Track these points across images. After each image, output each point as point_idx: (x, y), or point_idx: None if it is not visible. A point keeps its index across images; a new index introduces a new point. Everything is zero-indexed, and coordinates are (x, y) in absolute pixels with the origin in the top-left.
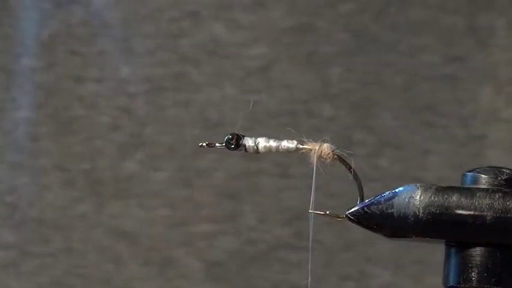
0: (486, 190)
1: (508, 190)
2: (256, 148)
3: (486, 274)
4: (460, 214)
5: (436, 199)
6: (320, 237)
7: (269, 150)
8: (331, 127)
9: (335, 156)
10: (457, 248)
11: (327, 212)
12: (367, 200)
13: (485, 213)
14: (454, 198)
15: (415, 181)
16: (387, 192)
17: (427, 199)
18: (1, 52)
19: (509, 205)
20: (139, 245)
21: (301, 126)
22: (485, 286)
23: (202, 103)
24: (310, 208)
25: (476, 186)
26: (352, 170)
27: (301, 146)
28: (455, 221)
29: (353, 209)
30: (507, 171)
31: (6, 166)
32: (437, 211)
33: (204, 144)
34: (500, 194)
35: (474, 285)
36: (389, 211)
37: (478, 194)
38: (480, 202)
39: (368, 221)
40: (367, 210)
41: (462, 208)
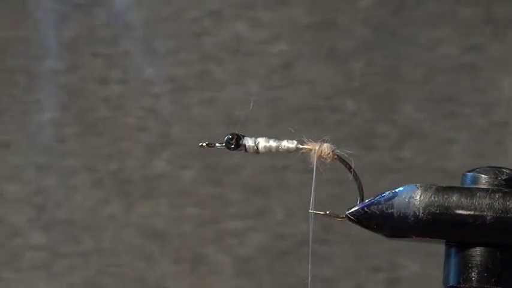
0: (486, 190)
1: (508, 190)
2: (256, 148)
3: (486, 274)
4: (460, 214)
5: (436, 199)
6: (348, 230)
7: (269, 150)
8: (354, 121)
9: (335, 156)
10: (457, 248)
11: (327, 212)
12: (367, 200)
13: (485, 213)
14: (454, 198)
15: (439, 171)
16: (387, 192)
17: (427, 199)
18: (21, 54)
19: (509, 205)
20: (170, 244)
21: (324, 121)
22: (485, 286)
23: (226, 101)
24: (310, 208)
25: (476, 186)
26: (352, 170)
27: (301, 146)
28: (455, 221)
29: (353, 209)
30: (507, 171)
31: (33, 168)
32: (437, 211)
33: (204, 144)
34: (500, 194)
35: (474, 285)
36: (389, 211)
37: (478, 194)
38: (480, 202)
39: (368, 221)
40: (367, 210)
41: (462, 208)
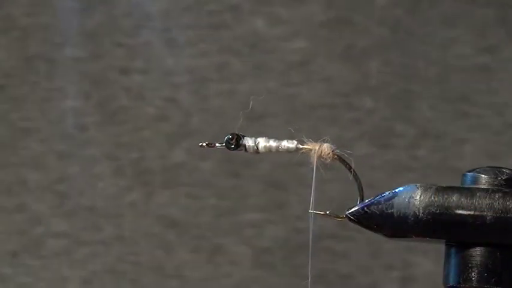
0: (486, 190)
1: (508, 190)
2: (256, 148)
3: (486, 274)
4: (460, 214)
5: (436, 199)
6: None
7: (269, 150)
8: (370, 119)
9: (335, 156)
10: (457, 248)
11: (327, 212)
12: (367, 200)
13: (485, 213)
14: (454, 198)
15: (453, 171)
16: (387, 192)
17: (427, 199)
18: (42, 42)
19: (509, 205)
20: (188, 233)
21: (341, 118)
22: (485, 286)
23: (244, 94)
24: (310, 208)
25: (476, 186)
26: (352, 170)
27: (301, 146)
28: (455, 221)
29: (353, 209)
30: (507, 171)
31: (55, 155)
32: (437, 211)
33: (204, 144)
34: (500, 194)
35: (474, 285)
36: (389, 211)
37: (478, 194)
38: (480, 202)
39: (368, 221)
40: (367, 210)
41: (462, 208)
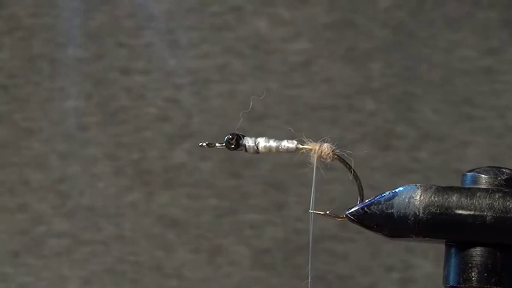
0: (486, 190)
1: (508, 190)
2: (256, 148)
3: (486, 274)
4: (460, 214)
5: (436, 199)
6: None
7: (269, 150)
8: (372, 121)
9: (335, 156)
10: (457, 248)
11: (327, 212)
12: (367, 200)
13: (485, 213)
14: (454, 198)
15: (455, 173)
16: (387, 192)
17: (427, 199)
18: (45, 42)
19: (509, 205)
20: (188, 233)
21: (342, 120)
22: (485, 286)
23: (246, 94)
24: (310, 208)
25: (476, 186)
26: (352, 170)
27: (301, 146)
28: (455, 221)
29: (353, 209)
30: (507, 171)
31: (56, 155)
32: (437, 211)
33: (204, 144)
34: (500, 194)
35: (474, 285)
36: (389, 211)
37: (478, 194)
38: (480, 202)
39: (368, 221)
40: (367, 210)
41: (462, 208)
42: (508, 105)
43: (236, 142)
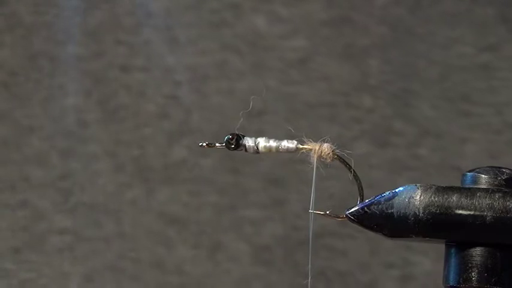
0: (486, 190)
1: (508, 190)
2: (256, 148)
3: (486, 274)
4: (460, 214)
5: (436, 199)
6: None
7: (269, 150)
8: (370, 118)
9: (335, 156)
10: (457, 248)
11: (327, 212)
12: (367, 200)
13: (485, 213)
14: (454, 198)
15: (454, 170)
16: (387, 192)
17: (427, 199)
18: (45, 39)
19: (509, 205)
20: (188, 230)
21: (340, 117)
22: (485, 286)
23: (244, 92)
24: (310, 208)
25: (476, 186)
26: (352, 170)
27: (301, 146)
28: (455, 221)
29: (353, 209)
30: (507, 171)
31: (57, 152)
32: (437, 211)
33: (204, 144)
34: (500, 194)
35: (474, 285)
36: (389, 211)
37: (478, 194)
38: (480, 202)
39: (368, 221)
40: (367, 210)
41: (462, 208)
42: (506, 101)
43: (236, 142)
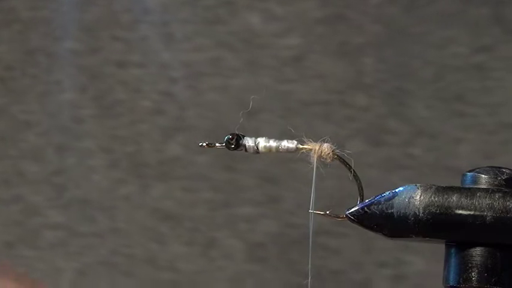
0: (486, 190)
1: (508, 190)
2: (256, 148)
3: (486, 274)
4: (460, 214)
5: (436, 199)
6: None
7: (269, 150)
8: (364, 117)
9: (335, 156)
10: (457, 248)
11: (327, 212)
12: (367, 200)
13: (485, 213)
14: (454, 198)
15: (448, 170)
16: (387, 192)
17: (427, 199)
18: (42, 34)
19: (509, 205)
20: (182, 226)
21: (335, 115)
22: (485, 286)
23: (239, 89)
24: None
25: (476, 186)
26: (352, 170)
27: (301, 146)
28: (455, 221)
29: (353, 209)
30: (507, 171)
31: (52, 148)
32: (437, 211)
33: (204, 144)
34: (500, 194)
35: (474, 285)
36: (389, 211)
37: (478, 194)
38: (480, 202)
39: (368, 221)
40: (367, 210)
41: (462, 208)
42: (500, 102)
43: (236, 142)
